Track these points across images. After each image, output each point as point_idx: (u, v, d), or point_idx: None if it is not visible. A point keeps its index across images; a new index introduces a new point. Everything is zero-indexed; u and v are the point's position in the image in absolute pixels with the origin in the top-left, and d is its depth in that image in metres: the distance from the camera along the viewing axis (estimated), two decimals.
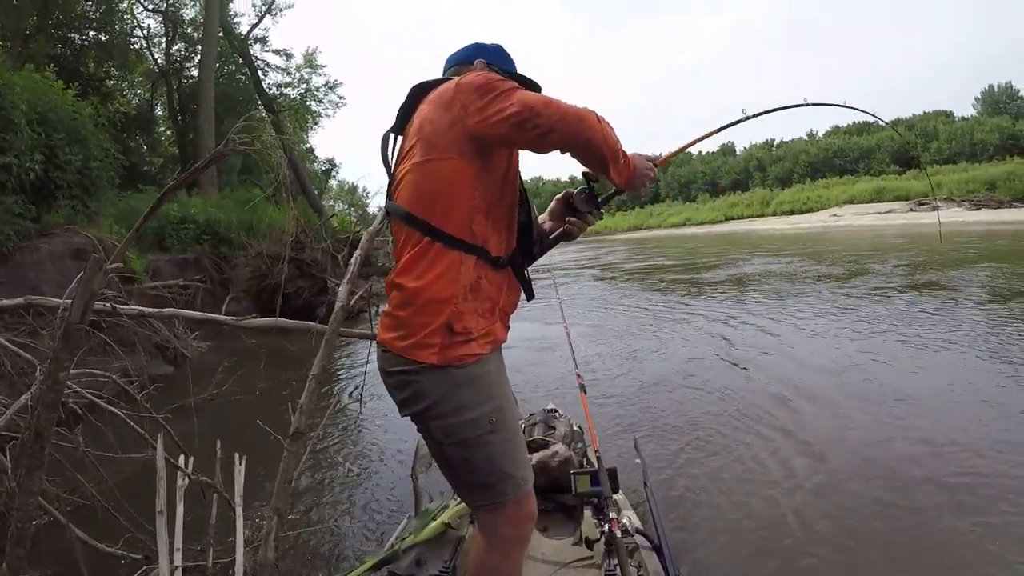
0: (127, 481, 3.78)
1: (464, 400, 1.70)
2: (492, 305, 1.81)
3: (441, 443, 1.75)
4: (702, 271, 18.82)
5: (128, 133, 20.49)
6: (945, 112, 66.49)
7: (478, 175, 1.72)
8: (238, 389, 6.66)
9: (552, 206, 2.12)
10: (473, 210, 1.73)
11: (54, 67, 11.14)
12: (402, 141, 1.87)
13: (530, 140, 1.66)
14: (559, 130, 1.63)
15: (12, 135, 8.14)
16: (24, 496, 1.73)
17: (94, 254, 1.73)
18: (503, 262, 1.83)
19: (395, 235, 1.88)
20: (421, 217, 1.73)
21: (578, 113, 1.66)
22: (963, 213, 33.47)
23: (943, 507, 3.47)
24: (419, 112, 1.79)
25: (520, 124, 1.61)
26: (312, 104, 29.64)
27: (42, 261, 8.57)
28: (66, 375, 1.71)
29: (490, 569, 1.84)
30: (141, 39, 24.15)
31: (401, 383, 1.74)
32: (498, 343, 1.85)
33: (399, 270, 1.77)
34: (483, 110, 1.63)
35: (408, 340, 1.70)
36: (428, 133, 1.71)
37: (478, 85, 1.65)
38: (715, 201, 70.62)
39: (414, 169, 1.74)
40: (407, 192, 1.77)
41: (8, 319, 4.96)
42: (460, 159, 1.69)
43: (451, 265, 1.71)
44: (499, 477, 1.75)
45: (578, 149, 1.72)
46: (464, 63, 1.97)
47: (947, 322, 7.99)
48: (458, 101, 1.66)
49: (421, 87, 1.86)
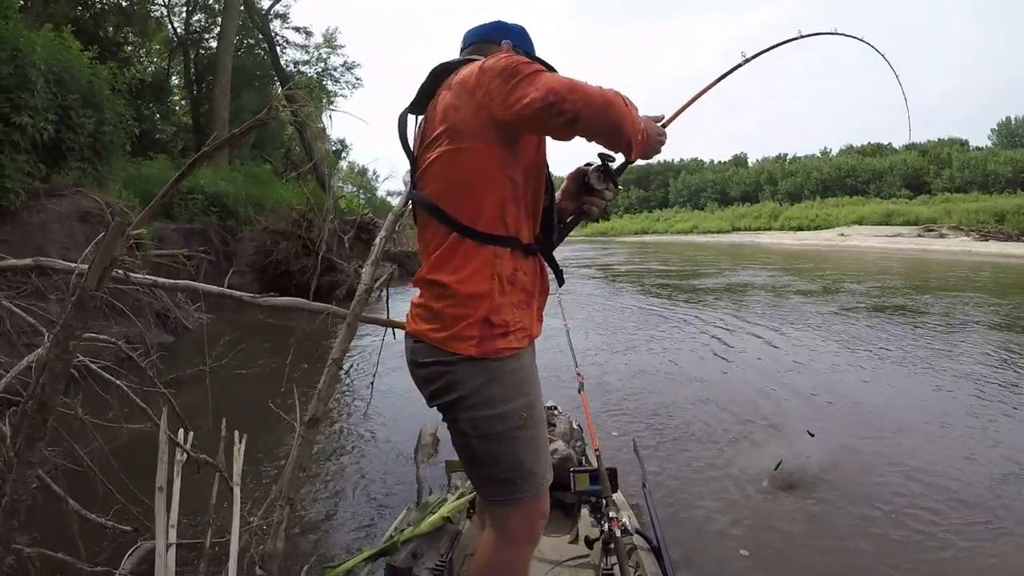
0: (122, 449, 3.72)
1: (497, 394, 1.67)
2: (528, 296, 1.77)
3: (468, 435, 1.71)
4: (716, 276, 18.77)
5: (142, 100, 20.40)
6: (960, 140, 66.42)
7: (508, 163, 1.66)
8: (238, 363, 6.63)
9: (566, 185, 2.00)
10: (505, 200, 1.68)
11: (73, 29, 11.03)
12: (423, 125, 1.81)
13: (556, 128, 1.56)
14: (586, 116, 1.52)
15: (28, 94, 8.10)
16: (23, 467, 1.68)
17: (118, 218, 1.67)
18: (533, 248, 1.79)
19: (422, 225, 1.83)
20: (451, 214, 1.68)
21: (606, 97, 1.55)
22: (970, 243, 33.34)
23: (950, 521, 3.48)
24: (441, 97, 1.71)
25: (545, 110, 1.49)
26: (328, 84, 29.59)
27: (49, 222, 8.53)
28: (76, 344, 1.65)
29: (500, 565, 1.81)
30: (161, 7, 24.10)
31: (435, 374, 1.70)
32: (533, 337, 1.82)
33: (432, 266, 1.73)
34: (507, 95, 1.53)
35: (445, 332, 1.67)
36: (454, 121, 1.64)
37: (501, 68, 1.56)
38: (723, 211, 70.60)
39: (441, 159, 1.68)
40: (435, 184, 1.72)
41: (10, 277, 4.90)
42: (489, 147, 1.63)
43: (486, 260, 1.67)
44: (521, 473, 1.72)
45: (605, 135, 1.63)
46: (487, 41, 1.88)
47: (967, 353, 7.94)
48: (482, 87, 1.58)
49: (445, 67, 1.78)
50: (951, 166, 58.62)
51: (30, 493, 1.78)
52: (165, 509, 2.32)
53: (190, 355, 7.42)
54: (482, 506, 2.31)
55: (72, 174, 9.50)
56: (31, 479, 1.75)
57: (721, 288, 15.98)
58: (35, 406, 1.64)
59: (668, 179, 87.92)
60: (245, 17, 24.51)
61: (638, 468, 3.59)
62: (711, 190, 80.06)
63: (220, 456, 3.07)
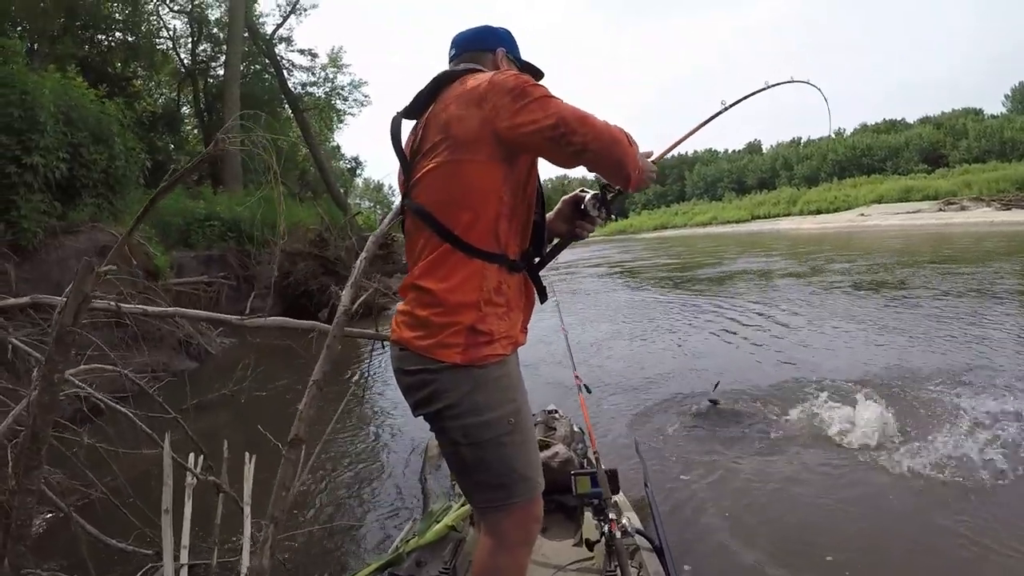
0: (143, 476, 3.81)
1: (484, 401, 1.70)
2: (512, 309, 1.80)
3: (458, 443, 1.73)
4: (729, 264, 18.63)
5: (155, 131, 20.71)
6: (975, 110, 65.11)
7: (506, 178, 1.71)
8: (256, 386, 6.75)
9: (560, 207, 2.08)
10: (499, 216, 1.72)
11: (78, 68, 11.26)
12: (421, 131, 1.80)
13: (562, 156, 1.66)
14: (593, 150, 1.63)
15: (38, 135, 8.29)
16: (23, 495, 1.75)
17: (85, 257, 1.74)
18: (519, 265, 1.82)
19: (411, 232, 1.84)
20: (445, 225, 1.70)
21: (613, 134, 1.66)
22: (992, 213, 32.79)
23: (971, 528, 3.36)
24: (444, 106, 1.72)
25: (555, 139, 1.60)
26: (337, 103, 29.85)
27: (67, 258, 8.68)
28: (61, 377, 1.72)
29: (496, 571, 1.82)
30: (167, 40, 24.46)
31: (420, 382, 1.71)
32: (517, 345, 1.84)
33: (420, 272, 1.74)
34: (515, 115, 1.60)
35: (430, 339, 1.69)
36: (456, 132, 1.67)
37: (512, 87, 1.61)
38: (741, 200, 70.02)
39: (440, 169, 1.70)
40: (431, 193, 1.74)
41: (21, 317, 5.03)
42: (489, 161, 1.67)
43: (475, 271, 1.70)
44: (512, 479, 1.75)
45: (607, 169, 1.74)
46: (480, 50, 1.93)
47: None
48: (490, 101, 1.62)
49: (448, 75, 1.80)
50: (967, 137, 57.47)
51: (31, 520, 1.85)
52: (171, 531, 2.39)
53: (212, 380, 7.55)
54: (478, 515, 2.29)
55: (87, 210, 9.66)
56: (32, 506, 1.83)
57: (741, 279, 15.86)
58: (29, 437, 1.72)
59: (683, 172, 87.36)
60: (250, 43, 24.79)
61: (640, 468, 3.59)
62: (727, 180, 79.35)
63: (224, 476, 3.13)
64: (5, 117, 8.14)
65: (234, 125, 2.57)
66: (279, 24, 26.54)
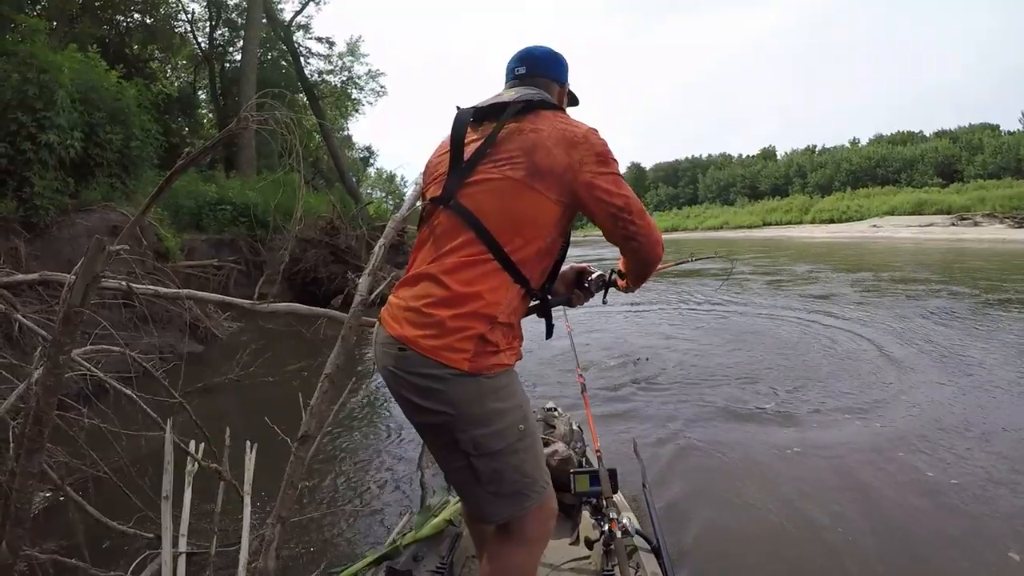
0: (146, 459, 3.79)
1: (494, 411, 1.66)
2: (516, 336, 1.79)
3: (469, 455, 1.67)
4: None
5: (170, 115, 20.75)
6: (992, 125, 64.84)
7: (559, 220, 1.75)
8: (264, 371, 6.74)
9: (565, 271, 2.13)
10: (542, 251, 1.75)
11: (98, 48, 11.29)
12: (498, 137, 1.75)
13: (614, 231, 1.77)
14: (640, 242, 1.78)
15: (53, 113, 8.31)
16: (24, 478, 1.73)
17: (96, 236, 1.71)
18: (536, 295, 1.85)
19: (444, 228, 1.75)
20: (496, 238, 1.68)
21: (658, 240, 1.81)
22: (1005, 230, 32.56)
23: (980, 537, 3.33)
24: (534, 127, 1.73)
25: (616, 216, 1.73)
26: (353, 92, 29.88)
27: (78, 236, 8.71)
28: (67, 359, 1.70)
29: (514, 568, 1.80)
30: (185, 23, 24.53)
31: (426, 389, 1.63)
32: (519, 357, 1.82)
33: (445, 268, 1.68)
34: (595, 177, 1.70)
35: (439, 340, 1.61)
36: (540, 160, 1.68)
37: (599, 152, 1.72)
38: (753, 205, 69.90)
39: (506, 183, 1.69)
40: (488, 203, 1.69)
41: (29, 293, 5.03)
42: (556, 201, 1.71)
43: (503, 284, 1.68)
44: (525, 484, 1.73)
45: (638, 263, 1.90)
46: (552, 78, 2.01)
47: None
48: (580, 152, 1.70)
49: (543, 102, 1.83)
50: (983, 152, 57.33)
51: (30, 503, 1.84)
52: (171, 517, 2.37)
53: (218, 363, 7.54)
54: (478, 533, 2.19)
55: (101, 189, 9.71)
56: (32, 489, 1.81)
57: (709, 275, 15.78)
58: (31, 419, 1.70)
59: (697, 175, 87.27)
60: (268, 30, 24.83)
61: (639, 468, 3.57)
62: (740, 184, 79.36)
63: (225, 464, 3.12)
64: (21, 94, 8.18)
65: (256, 104, 2.54)
66: (297, 11, 26.65)
